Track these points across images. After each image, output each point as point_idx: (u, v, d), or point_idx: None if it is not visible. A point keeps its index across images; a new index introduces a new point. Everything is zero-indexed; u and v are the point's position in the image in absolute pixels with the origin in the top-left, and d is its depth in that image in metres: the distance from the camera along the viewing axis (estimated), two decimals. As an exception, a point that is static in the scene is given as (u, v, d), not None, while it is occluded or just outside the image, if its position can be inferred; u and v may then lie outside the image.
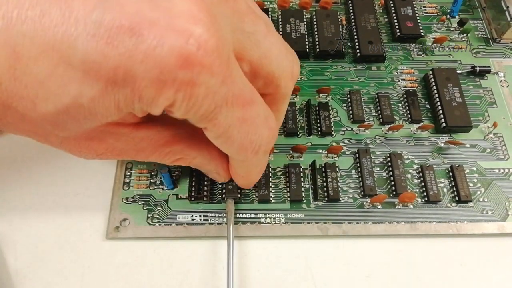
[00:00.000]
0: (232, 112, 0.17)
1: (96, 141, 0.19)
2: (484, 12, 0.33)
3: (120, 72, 0.14)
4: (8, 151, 0.27)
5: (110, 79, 0.15)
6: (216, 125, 0.17)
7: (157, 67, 0.14)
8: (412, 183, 0.26)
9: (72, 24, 0.14)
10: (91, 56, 0.14)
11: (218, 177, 0.24)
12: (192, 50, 0.14)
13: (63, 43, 0.14)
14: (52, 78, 0.14)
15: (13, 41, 0.14)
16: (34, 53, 0.14)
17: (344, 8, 0.33)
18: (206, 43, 0.15)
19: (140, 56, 0.14)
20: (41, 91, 0.15)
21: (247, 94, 0.17)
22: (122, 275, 0.23)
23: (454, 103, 0.28)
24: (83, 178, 0.26)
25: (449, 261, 0.24)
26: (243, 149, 0.19)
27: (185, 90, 0.15)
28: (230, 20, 0.17)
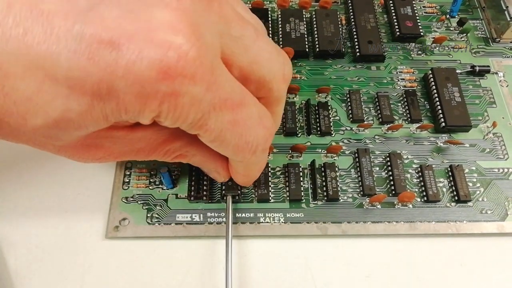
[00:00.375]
0: (222, 116, 0.17)
1: (93, 148, 0.19)
2: (483, 12, 0.33)
3: (103, 87, 0.15)
4: (8, 152, 0.27)
5: (95, 94, 0.15)
6: (208, 131, 0.17)
7: (137, 81, 0.14)
8: (412, 183, 0.26)
9: (54, 41, 0.14)
10: (74, 72, 0.14)
11: (218, 176, 0.24)
12: (172, 62, 0.14)
13: (46, 60, 0.14)
14: (39, 94, 0.15)
15: (0, 60, 0.14)
16: (20, 71, 0.14)
17: (344, 8, 0.33)
18: (186, 53, 0.15)
19: (121, 71, 0.14)
20: (30, 107, 0.15)
21: (236, 97, 0.17)
22: (122, 274, 0.23)
23: (454, 102, 0.28)
24: (83, 178, 0.26)
25: (449, 261, 0.24)
26: (239, 150, 0.19)
27: (169, 102, 0.15)
28: (216, 26, 0.17)
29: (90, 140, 0.18)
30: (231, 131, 0.18)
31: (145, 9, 0.15)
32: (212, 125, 0.17)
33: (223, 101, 0.17)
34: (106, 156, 0.20)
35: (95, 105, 0.15)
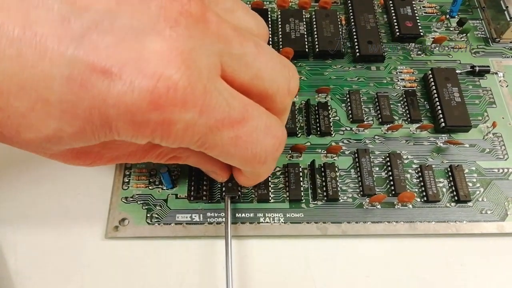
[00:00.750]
0: (221, 135, 0.17)
1: (83, 154, 0.19)
2: (483, 12, 0.33)
3: (95, 113, 0.15)
4: (8, 152, 0.27)
5: (87, 119, 0.15)
6: (208, 149, 0.17)
7: (129, 111, 0.15)
8: (411, 183, 0.26)
9: (47, 65, 0.14)
10: (67, 96, 0.14)
11: (217, 176, 0.24)
12: (162, 92, 0.14)
13: (39, 83, 0.14)
14: (32, 112, 0.15)
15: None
16: (14, 90, 0.14)
17: (344, 8, 0.33)
18: (176, 83, 0.15)
19: (112, 100, 0.14)
20: (23, 122, 0.15)
21: (235, 114, 0.17)
22: (122, 274, 0.23)
23: (454, 103, 0.28)
24: (83, 178, 0.26)
25: (448, 261, 0.24)
26: (247, 162, 0.19)
27: (162, 130, 0.15)
28: (214, 46, 0.16)
29: (81, 149, 0.19)
30: (235, 146, 0.18)
31: (138, 38, 0.15)
32: (212, 143, 0.17)
33: (220, 121, 0.17)
34: (97, 161, 0.20)
35: (87, 128, 0.15)
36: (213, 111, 0.16)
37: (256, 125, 0.18)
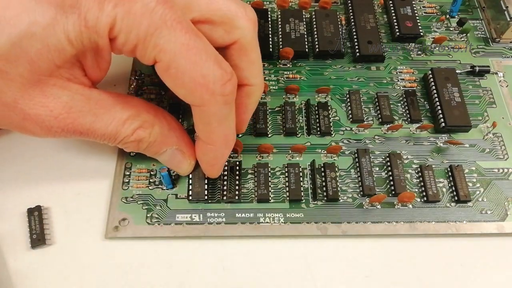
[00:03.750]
0: (175, 36, 0.18)
1: (51, 98, 0.19)
2: (483, 12, 0.33)
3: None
4: (8, 152, 0.27)
5: (59, 5, 0.16)
6: (162, 51, 0.18)
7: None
8: (411, 183, 0.26)
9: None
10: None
11: (183, 158, 0.24)
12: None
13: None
14: (7, 9, 0.16)
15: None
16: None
17: (344, 8, 0.33)
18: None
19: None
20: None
21: (189, 24, 0.19)
22: (122, 274, 0.23)
23: (454, 103, 0.28)
24: (83, 177, 0.26)
25: (448, 261, 0.24)
26: (196, 84, 0.19)
27: (123, 5, 0.17)
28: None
29: (47, 86, 0.19)
30: (185, 57, 0.18)
31: None
32: (165, 44, 0.18)
33: (176, 21, 0.18)
34: (64, 114, 0.19)
35: (58, 18, 0.16)
36: (171, 7, 0.18)
37: (206, 46, 0.19)
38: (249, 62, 0.22)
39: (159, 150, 0.23)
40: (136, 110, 0.21)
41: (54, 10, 0.16)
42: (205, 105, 0.20)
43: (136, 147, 0.22)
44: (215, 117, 0.21)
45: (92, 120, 0.20)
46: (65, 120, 0.19)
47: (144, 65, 0.29)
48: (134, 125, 0.21)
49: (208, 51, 0.19)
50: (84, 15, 0.17)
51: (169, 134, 0.23)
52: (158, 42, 0.18)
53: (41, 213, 0.24)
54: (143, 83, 0.29)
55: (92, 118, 0.20)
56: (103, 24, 0.17)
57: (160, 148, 0.23)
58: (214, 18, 0.20)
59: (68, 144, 0.27)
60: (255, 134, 0.27)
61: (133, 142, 0.22)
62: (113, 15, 0.17)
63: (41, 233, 0.24)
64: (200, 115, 0.21)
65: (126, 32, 0.18)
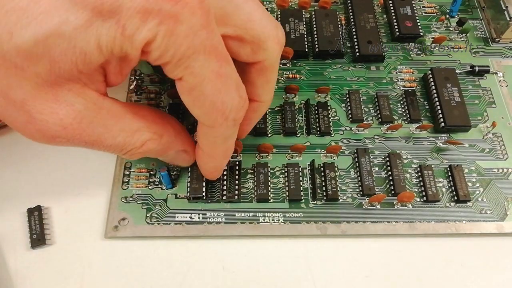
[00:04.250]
0: (208, 62, 0.17)
1: (64, 104, 0.17)
2: (483, 11, 0.33)
3: (107, 2, 0.15)
4: (8, 152, 0.27)
5: (97, 9, 0.15)
6: (192, 74, 0.18)
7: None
8: (411, 183, 0.26)
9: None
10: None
11: (187, 156, 0.23)
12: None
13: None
14: (36, 4, 0.15)
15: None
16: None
17: (343, 8, 0.33)
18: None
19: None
20: (22, 18, 0.15)
21: (223, 50, 0.18)
22: (122, 274, 0.23)
23: (453, 102, 0.28)
24: (83, 177, 0.26)
25: (448, 261, 0.24)
26: (214, 109, 0.19)
27: (168, 24, 0.16)
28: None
29: (63, 91, 0.17)
30: (212, 83, 0.18)
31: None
32: (197, 68, 0.17)
33: (213, 48, 0.17)
34: (74, 123, 0.18)
35: (93, 22, 0.15)
36: (211, 33, 0.17)
37: (232, 74, 0.19)
38: (266, 81, 0.22)
39: (164, 154, 0.23)
40: (146, 121, 0.20)
41: (89, 12, 0.15)
42: (215, 127, 0.20)
43: (141, 156, 0.21)
44: (221, 136, 0.21)
45: (101, 131, 0.19)
46: (74, 131, 0.18)
47: (144, 65, 0.29)
48: (143, 137, 0.20)
49: (233, 78, 0.19)
50: (123, 23, 0.16)
51: (175, 140, 0.22)
52: (191, 65, 0.17)
53: (41, 213, 0.24)
54: (142, 83, 0.29)
55: (101, 129, 0.19)
56: (142, 37, 0.16)
57: (164, 153, 0.23)
58: (246, 36, 0.20)
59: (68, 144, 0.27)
60: (255, 134, 0.27)
61: (140, 153, 0.21)
62: (154, 32, 0.16)
63: (41, 233, 0.24)
64: (208, 134, 0.21)
65: (162, 50, 0.17)
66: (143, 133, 0.20)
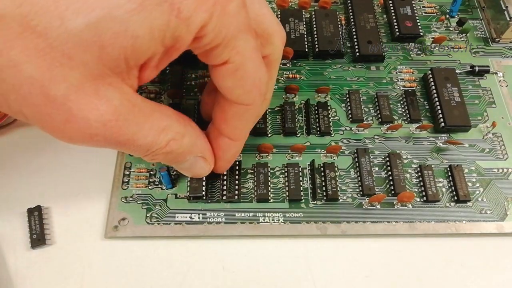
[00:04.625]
0: (249, 39, 0.18)
1: (104, 100, 0.17)
2: (483, 11, 0.33)
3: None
4: (8, 152, 0.27)
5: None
6: (239, 53, 0.18)
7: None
8: (411, 183, 0.26)
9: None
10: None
11: (204, 164, 0.23)
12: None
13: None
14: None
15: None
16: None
17: (343, 8, 0.33)
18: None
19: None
20: (73, 2, 0.14)
21: (252, 27, 0.19)
22: (122, 274, 0.23)
23: (453, 102, 0.28)
24: (83, 177, 0.26)
25: (448, 261, 0.24)
26: (254, 86, 0.20)
27: (220, 3, 0.16)
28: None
29: (103, 84, 0.16)
30: (253, 61, 0.19)
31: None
32: (242, 47, 0.18)
33: (249, 26, 0.18)
34: (113, 121, 0.17)
35: (146, 5, 0.15)
36: (247, 13, 0.18)
37: (258, 57, 0.20)
38: (269, 77, 0.22)
39: (183, 159, 0.22)
40: (170, 120, 0.20)
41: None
42: (252, 104, 0.21)
43: (164, 159, 0.21)
44: (254, 115, 0.22)
45: (134, 130, 0.18)
46: (112, 129, 0.17)
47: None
48: (168, 136, 0.20)
49: (260, 58, 0.20)
50: (178, 5, 0.15)
51: (196, 143, 0.22)
52: (237, 45, 0.18)
53: (41, 213, 0.24)
54: (143, 83, 0.29)
55: (134, 128, 0.18)
56: (199, 19, 0.16)
57: (184, 158, 0.22)
58: (257, 30, 0.20)
59: (68, 144, 0.27)
60: (255, 134, 0.27)
61: (163, 154, 0.20)
62: (211, 12, 0.16)
63: (41, 233, 0.24)
64: (243, 114, 0.21)
65: (216, 31, 0.16)
66: (168, 132, 0.20)
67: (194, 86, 0.29)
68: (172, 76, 0.29)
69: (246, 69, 0.19)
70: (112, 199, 0.25)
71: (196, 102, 0.28)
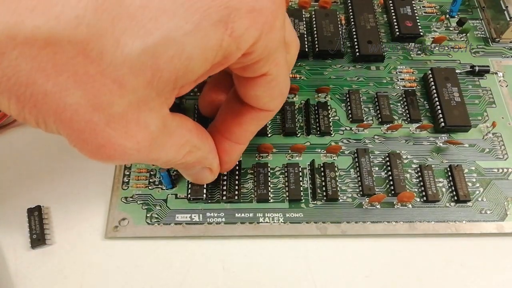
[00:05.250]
0: (284, 54, 0.19)
1: (142, 126, 0.16)
2: (483, 11, 0.33)
3: (216, 4, 0.15)
4: (8, 152, 0.27)
5: (206, 12, 0.14)
6: (277, 66, 0.18)
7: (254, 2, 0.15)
8: (411, 183, 0.26)
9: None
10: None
11: (209, 175, 0.23)
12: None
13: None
14: (146, 10, 0.14)
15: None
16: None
17: (343, 8, 0.33)
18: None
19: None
20: (132, 24, 0.13)
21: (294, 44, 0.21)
22: (122, 274, 0.23)
23: (453, 102, 0.28)
24: (83, 177, 0.26)
25: (448, 261, 0.24)
26: (281, 94, 0.21)
27: (270, 21, 0.16)
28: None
29: (147, 107, 0.16)
30: (285, 71, 0.20)
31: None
32: (278, 58, 0.18)
33: (285, 42, 0.19)
34: (146, 144, 0.16)
35: (202, 26, 0.14)
36: (284, 28, 0.18)
37: (288, 67, 0.21)
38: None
39: (191, 168, 0.22)
40: (191, 135, 0.19)
41: (199, 16, 0.14)
42: (275, 110, 0.21)
43: (174, 166, 0.21)
44: (268, 120, 0.23)
45: (160, 150, 0.18)
46: (143, 153, 0.17)
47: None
48: (186, 150, 0.19)
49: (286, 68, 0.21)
50: (232, 25, 0.15)
51: (208, 156, 0.21)
52: (277, 57, 0.18)
53: (41, 213, 0.24)
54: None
55: (161, 148, 0.18)
56: (251, 37, 0.16)
57: (193, 167, 0.21)
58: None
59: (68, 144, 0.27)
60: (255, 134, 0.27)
61: (176, 165, 0.20)
62: (261, 30, 0.16)
63: (41, 233, 0.24)
64: (261, 119, 0.22)
65: (264, 47, 0.17)
66: (186, 146, 0.19)
67: (194, 86, 0.29)
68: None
69: (279, 80, 0.19)
70: (112, 199, 0.25)
71: (196, 102, 0.28)
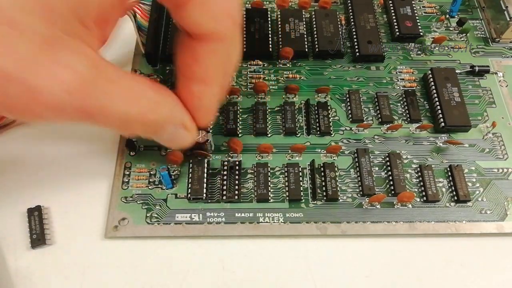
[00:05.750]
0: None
1: (66, 66, 0.16)
2: (483, 12, 0.33)
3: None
4: (8, 152, 0.27)
5: None
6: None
7: None
8: (411, 183, 0.26)
9: None
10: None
11: (186, 133, 0.22)
12: None
13: None
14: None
15: None
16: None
17: (343, 8, 0.33)
18: None
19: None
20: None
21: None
22: (122, 274, 0.23)
23: (453, 102, 0.28)
24: (83, 177, 0.26)
25: (448, 261, 0.24)
26: (224, 13, 0.19)
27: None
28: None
29: (62, 47, 0.16)
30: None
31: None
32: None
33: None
34: (76, 85, 0.16)
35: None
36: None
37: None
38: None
39: (163, 130, 0.21)
40: (143, 86, 0.19)
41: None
42: (228, 36, 0.20)
43: (142, 131, 0.20)
44: (226, 52, 0.21)
45: (104, 97, 0.17)
46: (79, 97, 0.16)
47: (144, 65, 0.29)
48: (143, 105, 0.18)
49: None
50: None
51: (174, 110, 0.20)
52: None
53: (41, 213, 0.24)
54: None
55: (103, 95, 0.17)
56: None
57: (163, 128, 0.20)
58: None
59: (68, 143, 0.27)
60: (255, 134, 0.27)
61: (140, 126, 0.19)
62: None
63: (41, 233, 0.24)
64: (217, 50, 0.20)
65: None
66: (141, 100, 0.18)
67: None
68: (172, 76, 0.29)
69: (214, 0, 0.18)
70: (112, 199, 0.25)
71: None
